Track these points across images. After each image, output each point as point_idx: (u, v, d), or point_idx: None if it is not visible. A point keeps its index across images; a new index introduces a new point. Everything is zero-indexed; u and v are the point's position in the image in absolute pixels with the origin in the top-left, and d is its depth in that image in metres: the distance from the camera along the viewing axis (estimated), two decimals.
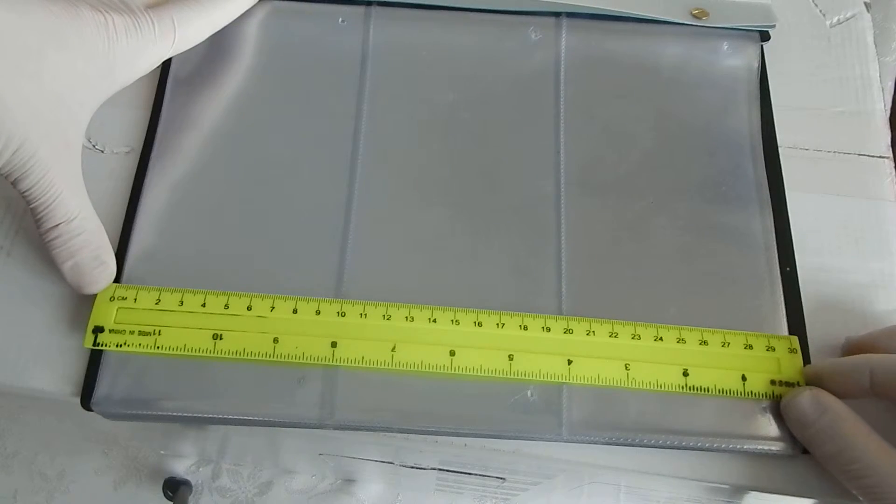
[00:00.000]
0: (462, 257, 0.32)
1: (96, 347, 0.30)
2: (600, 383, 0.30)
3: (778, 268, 0.32)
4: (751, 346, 0.30)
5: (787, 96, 0.36)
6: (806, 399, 0.28)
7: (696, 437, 0.29)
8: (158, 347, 0.30)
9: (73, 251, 0.29)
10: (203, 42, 0.34)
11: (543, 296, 0.31)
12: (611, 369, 0.30)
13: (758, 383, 0.30)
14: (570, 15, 0.37)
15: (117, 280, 0.31)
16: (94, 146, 0.35)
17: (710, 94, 0.36)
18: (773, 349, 0.30)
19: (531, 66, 0.36)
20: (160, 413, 0.30)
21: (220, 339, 0.30)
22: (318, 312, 0.30)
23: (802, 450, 0.29)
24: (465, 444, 0.30)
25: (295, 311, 0.30)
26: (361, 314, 0.30)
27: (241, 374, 0.30)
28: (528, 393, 0.30)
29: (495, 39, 0.37)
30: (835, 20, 0.39)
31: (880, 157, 0.36)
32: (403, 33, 0.37)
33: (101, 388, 0.30)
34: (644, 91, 0.36)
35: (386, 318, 0.30)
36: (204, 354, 0.30)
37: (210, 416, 0.30)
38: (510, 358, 0.30)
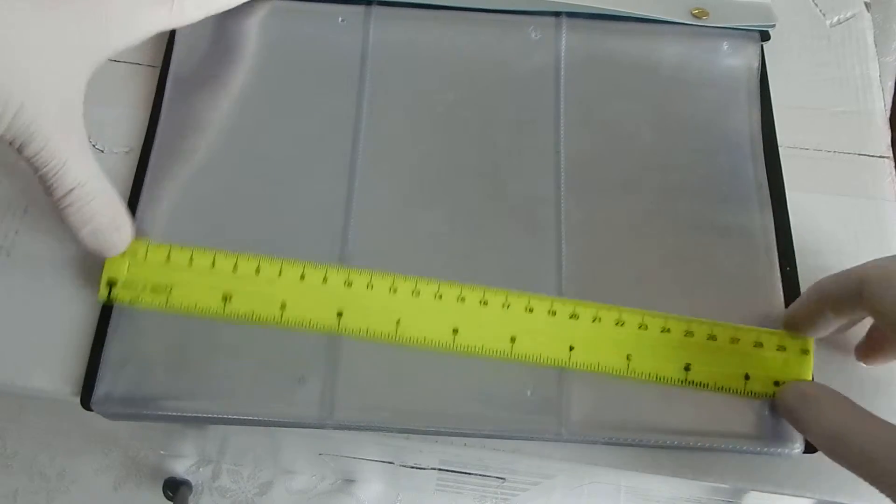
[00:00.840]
0: (461, 256, 0.32)
1: (110, 302, 0.30)
2: (599, 370, 0.29)
3: (778, 267, 0.32)
4: (761, 344, 0.30)
5: (787, 96, 0.36)
6: (789, 394, 0.28)
7: (697, 436, 0.29)
8: (170, 305, 0.30)
9: (88, 217, 0.29)
10: (203, 42, 0.34)
11: (544, 293, 0.31)
12: (612, 359, 0.30)
13: (760, 383, 0.29)
14: (570, 15, 0.37)
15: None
16: (93, 146, 0.35)
17: (711, 93, 0.36)
18: (784, 349, 0.30)
19: (531, 65, 0.36)
20: (160, 412, 0.30)
21: (230, 301, 0.30)
22: (325, 280, 0.30)
23: (802, 450, 0.29)
24: (465, 444, 0.30)
25: (302, 278, 0.30)
26: (368, 285, 0.30)
27: (241, 374, 0.30)
28: (528, 392, 0.30)
29: (495, 39, 0.37)
30: (835, 20, 0.39)
31: (880, 156, 0.36)
32: (403, 33, 0.37)
33: (101, 388, 0.30)
34: (644, 91, 0.36)
35: (392, 290, 0.30)
36: (214, 314, 0.30)
37: (210, 415, 0.30)
38: (512, 340, 0.30)
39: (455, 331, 0.30)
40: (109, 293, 0.30)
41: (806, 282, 0.32)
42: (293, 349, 0.30)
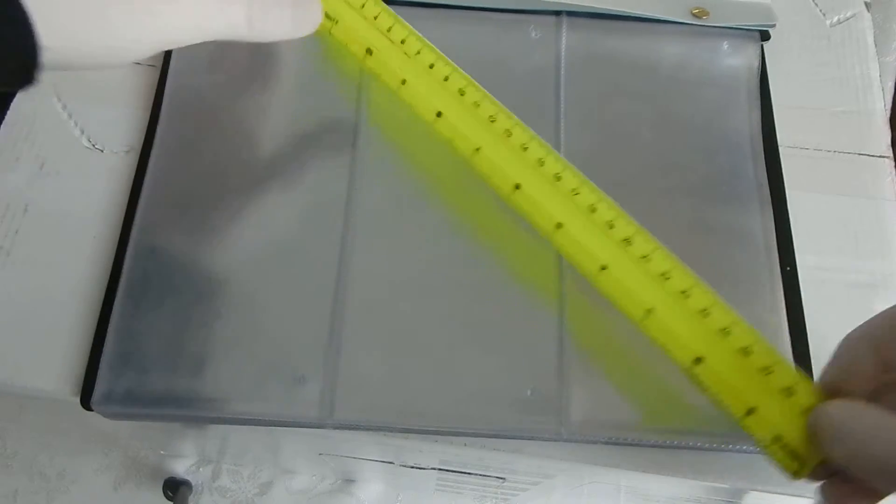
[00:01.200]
0: (461, 256, 0.32)
1: None
2: (622, 307, 0.28)
3: (778, 267, 0.32)
4: (770, 372, 0.26)
5: (787, 96, 0.36)
6: (817, 436, 0.24)
7: (697, 436, 0.29)
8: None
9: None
10: (203, 42, 0.34)
11: (544, 295, 0.31)
12: (633, 304, 0.28)
13: (761, 427, 0.26)
14: (571, 14, 0.37)
15: (120, 258, 0.32)
16: (93, 146, 0.35)
17: (711, 93, 0.36)
18: (792, 394, 0.26)
19: (531, 64, 0.36)
20: (160, 412, 0.30)
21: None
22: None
23: None
24: (465, 444, 0.30)
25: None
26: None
27: (241, 373, 0.30)
28: (528, 392, 0.30)
29: (495, 38, 0.37)
30: (835, 20, 0.39)
31: (880, 156, 0.36)
32: None
33: (101, 387, 0.30)
34: (644, 90, 0.36)
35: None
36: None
37: (210, 415, 0.30)
38: (558, 226, 0.29)
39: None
40: None
41: (806, 282, 0.32)
42: (293, 348, 0.30)
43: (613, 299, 0.29)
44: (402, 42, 0.32)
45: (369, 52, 0.32)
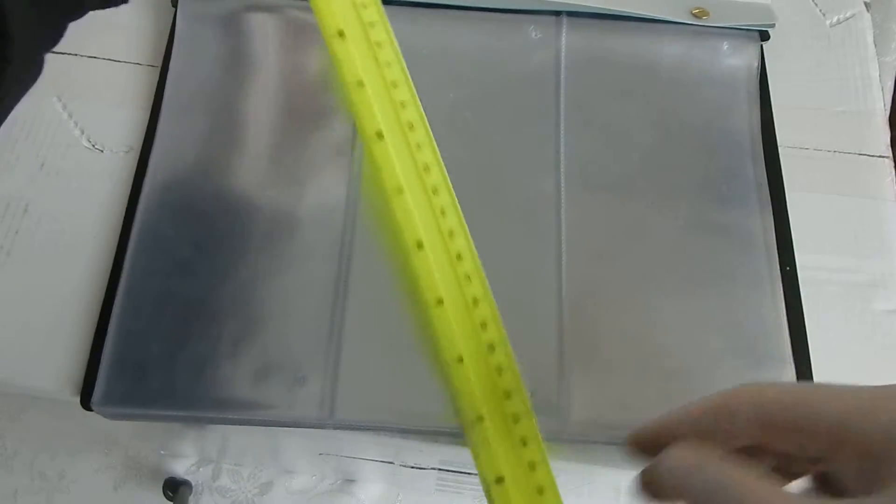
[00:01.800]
0: None
1: None
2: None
3: (778, 267, 0.32)
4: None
5: (787, 96, 0.36)
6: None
7: None
8: None
9: None
10: (203, 42, 0.34)
11: (543, 295, 0.31)
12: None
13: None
14: (571, 14, 0.37)
15: (120, 258, 0.32)
16: (93, 146, 0.35)
17: (710, 93, 0.36)
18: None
19: (531, 65, 0.36)
20: (160, 412, 0.30)
21: None
22: None
23: None
24: (465, 444, 0.30)
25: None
26: None
27: (241, 374, 0.30)
28: (528, 393, 0.30)
29: (495, 39, 0.37)
30: (835, 20, 0.39)
31: (880, 156, 0.36)
32: (404, 32, 0.37)
33: (101, 388, 0.30)
34: (644, 90, 0.36)
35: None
36: None
37: (210, 415, 0.30)
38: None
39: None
40: None
41: (805, 281, 0.32)
42: (294, 349, 0.30)
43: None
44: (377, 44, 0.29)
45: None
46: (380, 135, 0.26)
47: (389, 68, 0.28)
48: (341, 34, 0.27)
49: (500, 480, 0.25)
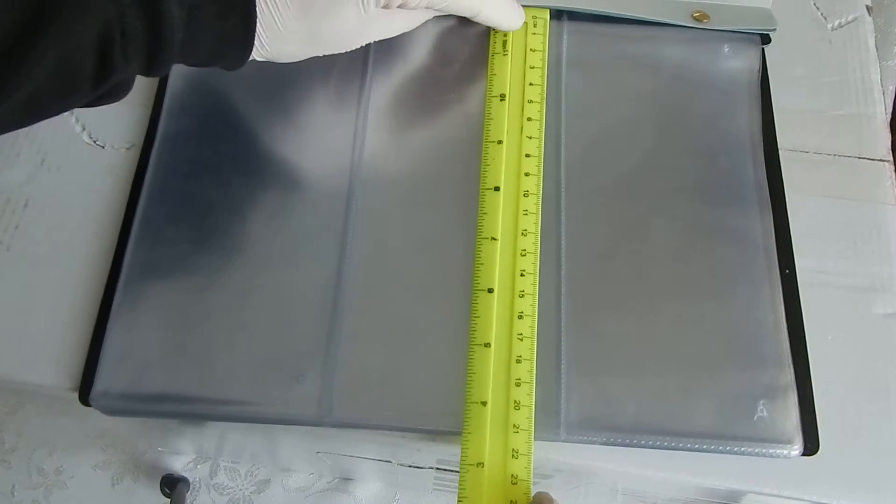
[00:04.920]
0: (461, 256, 0.32)
1: None
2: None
3: (777, 269, 0.32)
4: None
5: (788, 99, 0.36)
6: None
7: (694, 439, 0.29)
8: None
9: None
10: None
11: (543, 295, 0.31)
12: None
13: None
14: (572, 18, 0.37)
15: (119, 255, 0.32)
16: (94, 142, 0.35)
17: (711, 96, 0.36)
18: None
19: None
20: (158, 409, 0.30)
21: None
22: None
23: (801, 452, 0.29)
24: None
25: None
26: None
27: (239, 371, 0.30)
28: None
29: None
30: (836, 23, 0.39)
31: (880, 160, 0.36)
32: (404, 34, 0.37)
33: (100, 384, 0.30)
34: (645, 93, 0.36)
35: None
36: None
37: (208, 412, 0.30)
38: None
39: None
40: None
41: (805, 285, 0.32)
42: (292, 347, 0.30)
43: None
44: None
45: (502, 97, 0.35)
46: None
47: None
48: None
49: (479, 465, 0.28)
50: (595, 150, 0.35)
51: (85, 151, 0.35)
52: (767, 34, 0.37)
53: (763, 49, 0.37)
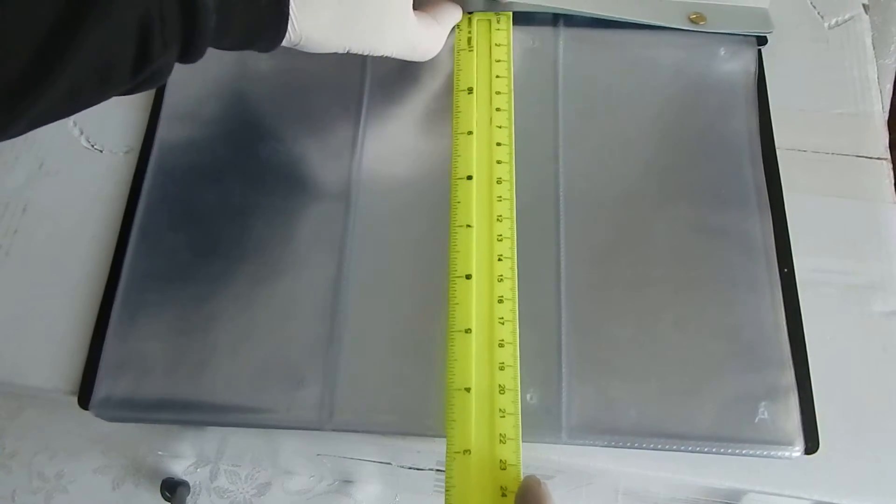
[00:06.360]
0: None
1: None
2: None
3: (776, 269, 0.32)
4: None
5: (785, 98, 0.36)
6: None
7: (695, 440, 0.29)
8: None
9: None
10: None
11: (543, 298, 0.31)
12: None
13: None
14: (568, 23, 0.37)
15: (119, 258, 0.32)
16: (92, 146, 0.35)
17: (708, 98, 0.36)
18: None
19: (530, 72, 0.36)
20: (158, 416, 0.30)
21: None
22: None
23: (802, 451, 0.29)
24: None
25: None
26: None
27: (240, 376, 0.30)
28: (528, 396, 0.30)
29: None
30: (833, 22, 0.39)
31: (878, 158, 0.36)
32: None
33: (100, 391, 0.30)
34: (642, 96, 0.36)
35: None
36: None
37: (209, 418, 0.30)
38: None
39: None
40: None
41: (804, 284, 0.32)
42: (292, 352, 0.30)
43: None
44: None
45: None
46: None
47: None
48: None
49: (466, 452, 0.28)
50: (593, 154, 0.35)
51: (83, 155, 0.35)
52: (764, 36, 0.37)
53: (760, 50, 0.37)
